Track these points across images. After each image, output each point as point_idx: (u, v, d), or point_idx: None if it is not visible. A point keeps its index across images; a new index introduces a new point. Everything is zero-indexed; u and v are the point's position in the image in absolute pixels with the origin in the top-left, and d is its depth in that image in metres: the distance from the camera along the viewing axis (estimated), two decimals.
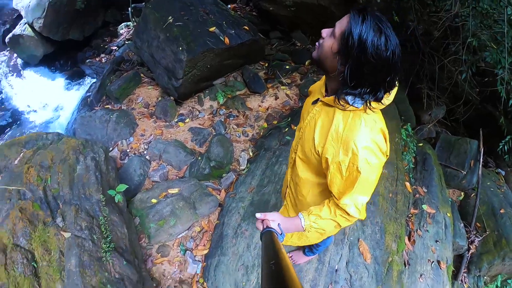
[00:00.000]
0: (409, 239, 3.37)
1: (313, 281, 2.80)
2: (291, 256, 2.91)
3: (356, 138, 1.29)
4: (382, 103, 1.31)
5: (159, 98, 5.03)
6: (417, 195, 3.73)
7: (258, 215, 1.40)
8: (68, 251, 2.09)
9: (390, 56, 1.16)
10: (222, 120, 4.64)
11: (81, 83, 7.06)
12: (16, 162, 2.68)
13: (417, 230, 3.44)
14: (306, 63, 5.55)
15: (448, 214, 3.68)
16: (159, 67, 4.73)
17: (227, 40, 4.57)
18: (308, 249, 2.72)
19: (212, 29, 4.60)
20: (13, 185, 2.40)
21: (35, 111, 6.68)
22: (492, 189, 4.37)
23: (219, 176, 3.95)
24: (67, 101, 6.59)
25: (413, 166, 4.01)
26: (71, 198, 2.48)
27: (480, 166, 4.36)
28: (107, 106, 5.05)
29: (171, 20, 4.53)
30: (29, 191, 2.39)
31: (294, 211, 1.95)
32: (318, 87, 1.62)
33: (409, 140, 4.18)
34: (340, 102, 1.31)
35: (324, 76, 1.48)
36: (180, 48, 4.30)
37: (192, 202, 3.50)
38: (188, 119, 4.75)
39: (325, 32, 1.30)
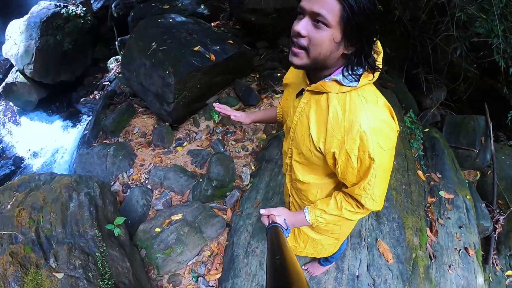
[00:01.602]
0: (431, 230, 3.18)
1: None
2: (306, 269, 2.73)
3: (361, 121, 1.11)
4: (377, 67, 1.14)
5: (155, 126, 4.97)
6: (432, 182, 3.54)
7: (262, 211, 1.38)
8: None
9: (375, 3, 1.01)
10: (220, 138, 4.54)
11: (78, 122, 7.18)
12: (8, 206, 2.60)
13: (437, 219, 3.25)
14: None
15: (468, 197, 3.48)
16: (150, 94, 4.68)
17: (212, 57, 4.51)
18: (323, 259, 2.54)
19: (196, 48, 4.55)
20: (5, 230, 2.32)
21: (36, 155, 6.79)
22: (508, 162, 4.18)
23: (223, 196, 3.83)
24: (67, 141, 6.67)
25: (422, 153, 3.84)
26: (64, 237, 2.38)
27: (492, 141, 4.18)
28: (104, 141, 5.01)
29: (154, 46, 4.50)
30: (21, 234, 2.30)
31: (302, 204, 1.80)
32: (296, 77, 1.41)
33: (414, 127, 4.02)
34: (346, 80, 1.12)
35: None
36: (167, 72, 4.25)
37: (198, 226, 3.37)
38: (186, 143, 4.65)
39: (302, 27, 1.04)
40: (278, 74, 5.30)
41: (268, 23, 5.98)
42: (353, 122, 1.12)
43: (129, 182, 4.29)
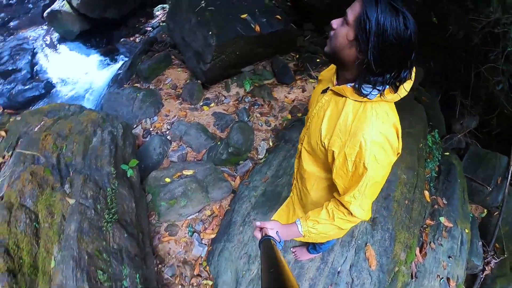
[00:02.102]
0: (420, 251, 3.23)
1: (312, 280, 2.75)
2: (294, 252, 2.88)
3: (365, 131, 1.21)
4: (398, 94, 1.23)
5: (187, 81, 5.08)
6: (436, 206, 3.57)
7: (257, 223, 1.40)
8: (70, 216, 2.17)
9: (411, 35, 1.09)
10: (247, 107, 4.63)
11: (114, 61, 7.24)
12: (36, 129, 2.78)
13: (430, 242, 3.29)
14: None
15: (467, 230, 3.50)
16: (189, 50, 4.76)
17: (258, 28, 4.53)
18: (312, 247, 2.68)
19: (244, 16, 4.57)
20: (29, 150, 2.50)
21: (67, 84, 6.92)
22: None
23: (236, 163, 3.96)
24: (99, 77, 6.78)
25: (435, 175, 3.84)
26: (82, 167, 2.55)
27: (507, 184, 4.13)
28: (135, 85, 5.16)
29: (203, 4, 4.53)
30: (43, 157, 2.48)
31: (300, 204, 1.91)
32: (328, 75, 1.52)
33: (434, 147, 4.01)
34: (362, 91, 1.21)
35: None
36: (210, 33, 4.31)
37: (205, 186, 3.53)
38: (213, 104, 4.77)
39: (335, 22, 1.22)
40: (318, 60, 5.29)
41: (319, 7, 5.89)
42: (358, 129, 1.22)
43: (151, 129, 4.46)
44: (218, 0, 4.62)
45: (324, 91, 1.43)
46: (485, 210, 4.24)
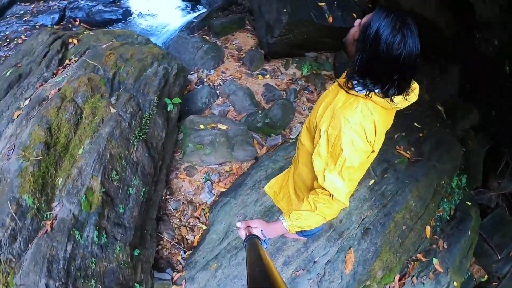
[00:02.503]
0: (400, 279, 3.22)
1: (289, 258, 2.89)
2: None
3: (347, 117, 1.36)
4: (393, 101, 1.36)
5: (252, 48, 5.30)
6: (434, 246, 3.50)
7: (238, 224, 1.42)
8: (107, 121, 2.50)
9: (399, 56, 1.22)
10: (297, 89, 4.77)
11: (193, 9, 7.48)
12: (103, 46, 3.14)
13: (413, 276, 3.26)
14: None
15: (456, 284, 3.41)
16: (262, 19, 4.95)
17: (330, 19, 4.60)
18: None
19: (321, 4, 4.65)
20: (93, 60, 2.85)
21: (143, 17, 7.29)
22: None
23: (268, 134, 4.15)
24: (175, 20, 7.08)
25: (447, 217, 3.76)
26: (131, 88, 2.88)
27: None
28: (204, 36, 5.45)
29: None
30: (103, 69, 2.83)
31: (291, 174, 2.06)
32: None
33: (457, 191, 3.92)
34: (348, 85, 1.40)
35: None
36: (285, 10, 4.46)
37: (233, 144, 3.77)
38: (268, 76, 4.96)
39: (357, 21, 1.38)
40: None
41: None
42: (342, 114, 1.38)
43: (205, 79, 4.75)
44: None
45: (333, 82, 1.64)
46: (486, 276, 4.09)
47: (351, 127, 1.35)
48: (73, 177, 2.13)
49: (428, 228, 3.48)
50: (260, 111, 4.28)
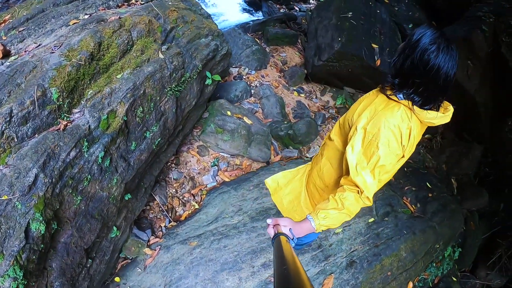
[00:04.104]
0: None
1: (269, 261, 2.80)
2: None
3: (387, 119, 1.41)
4: (426, 116, 1.42)
5: (297, 65, 5.36)
6: None
7: (269, 220, 1.39)
8: (152, 62, 2.51)
9: (429, 64, 1.30)
10: (326, 116, 4.77)
11: (253, 12, 7.70)
12: (170, 2, 3.22)
13: None
14: None
15: None
16: (314, 41, 5.04)
17: (378, 62, 4.66)
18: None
19: (375, 45, 4.72)
20: (157, 8, 2.93)
21: (206, 2, 7.43)
22: None
23: (286, 145, 4.13)
24: (234, 15, 7.30)
25: (430, 284, 3.65)
26: (183, 46, 2.91)
27: None
28: (256, 39, 5.55)
29: (349, 15, 4.80)
30: (163, 20, 2.89)
31: (313, 169, 1.99)
32: None
33: (447, 261, 3.81)
34: (385, 88, 1.48)
35: None
36: (339, 38, 4.55)
37: (251, 140, 3.74)
38: (303, 94, 4.99)
39: None
40: None
41: None
42: (383, 115, 1.43)
43: (244, 76, 4.80)
44: (362, 21, 4.84)
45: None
46: None
47: (390, 128, 1.40)
48: (103, 94, 2.10)
49: (410, 285, 3.37)
50: (286, 122, 4.27)
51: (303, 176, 2.12)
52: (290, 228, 1.35)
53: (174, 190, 3.33)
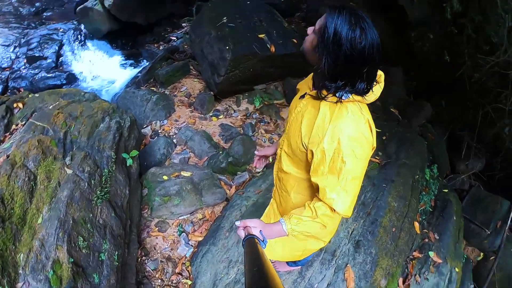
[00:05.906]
0: (403, 281, 3.13)
1: None
2: (273, 262, 2.88)
3: (342, 128, 1.31)
4: (365, 98, 1.34)
5: (201, 91, 5.28)
6: (426, 240, 3.50)
7: (237, 222, 1.39)
8: (64, 183, 2.29)
9: (365, 48, 1.21)
10: (253, 123, 4.76)
11: (136, 64, 7.47)
12: (50, 107, 2.95)
13: (415, 275, 3.19)
14: None
15: (457, 269, 3.39)
16: (206, 61, 4.98)
17: (273, 49, 4.72)
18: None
19: (261, 35, 4.77)
20: (41, 122, 2.66)
21: (88, 79, 7.16)
22: None
23: (233, 173, 4.04)
24: (119, 77, 7.01)
25: (430, 209, 3.80)
26: (85, 146, 2.70)
27: (507, 228, 4.04)
28: (152, 88, 5.38)
29: (225, 21, 4.79)
30: (52, 130, 2.64)
31: (279, 210, 1.94)
32: (305, 83, 1.67)
33: (432, 182, 3.99)
34: (322, 93, 1.35)
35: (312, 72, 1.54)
36: (227, 47, 4.52)
37: (200, 189, 3.60)
38: (222, 116, 4.92)
39: (309, 29, 1.36)
40: None
41: None
42: (335, 127, 1.32)
43: (159, 131, 4.61)
44: (239, 19, 4.87)
45: (302, 97, 1.55)
46: (482, 254, 4.12)
47: (350, 136, 1.31)
48: (35, 250, 1.87)
49: (416, 224, 3.47)
50: (221, 151, 4.18)
51: (276, 216, 2.00)
52: (260, 230, 1.34)
53: (159, 281, 3.10)
